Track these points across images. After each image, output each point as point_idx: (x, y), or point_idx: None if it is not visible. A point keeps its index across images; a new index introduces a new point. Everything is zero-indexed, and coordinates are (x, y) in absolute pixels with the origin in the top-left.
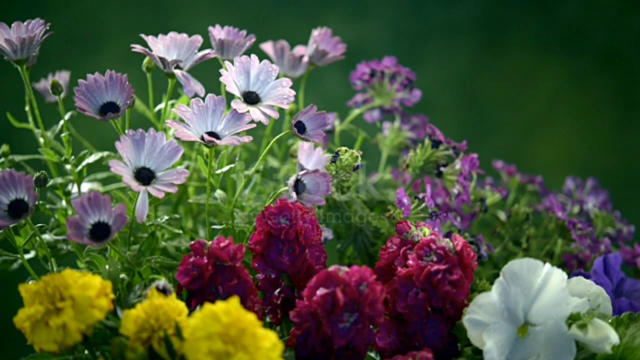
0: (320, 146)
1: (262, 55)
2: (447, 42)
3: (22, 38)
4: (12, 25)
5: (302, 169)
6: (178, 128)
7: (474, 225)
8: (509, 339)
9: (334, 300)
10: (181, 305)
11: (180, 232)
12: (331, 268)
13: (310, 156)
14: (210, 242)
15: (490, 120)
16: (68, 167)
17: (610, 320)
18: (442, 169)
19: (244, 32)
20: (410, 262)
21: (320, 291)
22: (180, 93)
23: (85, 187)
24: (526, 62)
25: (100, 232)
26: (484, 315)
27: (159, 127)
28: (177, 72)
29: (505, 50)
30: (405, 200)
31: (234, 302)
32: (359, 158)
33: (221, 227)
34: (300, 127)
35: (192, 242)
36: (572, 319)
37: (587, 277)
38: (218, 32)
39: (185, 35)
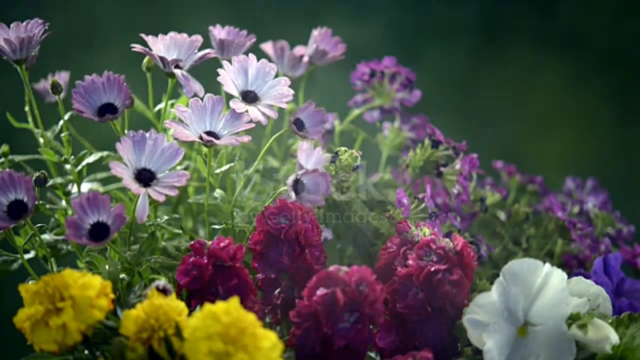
0: (320, 146)
1: (262, 55)
2: (447, 42)
3: (21, 38)
4: (11, 25)
5: (302, 168)
6: (177, 128)
7: (474, 225)
8: (509, 339)
9: (334, 300)
10: (181, 305)
11: (180, 232)
12: (331, 268)
13: (309, 156)
14: (210, 242)
15: (490, 120)
16: (68, 167)
17: (610, 320)
18: (442, 169)
19: (245, 32)
20: (410, 262)
21: (320, 291)
22: (180, 93)
23: (85, 187)
24: (526, 62)
25: (99, 232)
26: (484, 315)
27: (158, 127)
28: (177, 71)
29: (505, 50)
30: (405, 200)
31: (234, 302)
32: (359, 158)
33: (221, 227)
34: (299, 124)
35: (192, 242)
36: (572, 319)
37: (587, 277)
38: (219, 32)
39: (185, 35)
